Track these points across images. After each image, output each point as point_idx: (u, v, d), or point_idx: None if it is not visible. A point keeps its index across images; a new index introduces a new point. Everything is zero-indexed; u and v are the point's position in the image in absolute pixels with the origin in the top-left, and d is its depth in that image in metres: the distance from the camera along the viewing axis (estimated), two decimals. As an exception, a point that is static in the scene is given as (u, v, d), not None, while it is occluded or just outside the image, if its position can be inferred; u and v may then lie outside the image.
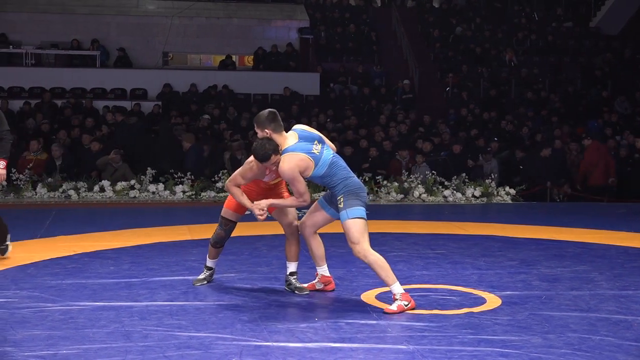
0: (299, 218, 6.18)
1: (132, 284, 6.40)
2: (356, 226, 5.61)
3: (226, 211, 6.26)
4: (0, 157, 7.11)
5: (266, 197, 6.03)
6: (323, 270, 6.19)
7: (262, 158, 5.67)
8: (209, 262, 6.46)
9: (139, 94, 19.09)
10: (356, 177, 5.88)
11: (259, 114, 5.84)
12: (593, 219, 10.81)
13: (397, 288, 5.59)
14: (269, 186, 6.08)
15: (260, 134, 5.76)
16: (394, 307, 5.53)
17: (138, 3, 21.99)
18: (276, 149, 5.65)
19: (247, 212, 6.16)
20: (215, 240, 6.33)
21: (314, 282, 6.26)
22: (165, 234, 9.02)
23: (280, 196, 6.13)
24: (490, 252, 8.08)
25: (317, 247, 6.11)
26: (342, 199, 5.68)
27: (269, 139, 5.69)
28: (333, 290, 6.22)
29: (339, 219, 5.96)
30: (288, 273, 6.22)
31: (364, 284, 6.47)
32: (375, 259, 5.59)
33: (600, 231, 9.63)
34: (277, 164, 5.67)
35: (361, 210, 5.67)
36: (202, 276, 6.44)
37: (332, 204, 5.90)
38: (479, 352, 4.64)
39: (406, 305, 5.54)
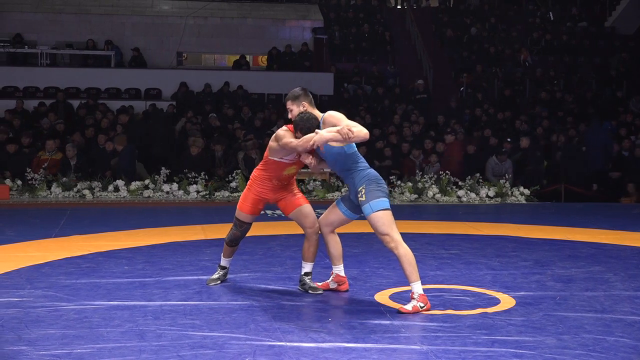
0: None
1: (146, 283, 6.41)
2: (383, 218, 5.57)
3: (240, 213, 6.25)
4: None
5: (280, 194, 6.10)
6: (339, 269, 6.17)
7: (308, 130, 5.69)
8: (223, 262, 6.47)
9: (154, 94, 19.13)
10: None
11: (292, 91, 5.92)
12: (607, 220, 10.77)
13: (418, 287, 5.57)
14: (281, 184, 6.10)
15: (296, 109, 5.84)
16: (409, 307, 5.51)
17: (152, 3, 22.06)
18: (318, 125, 5.71)
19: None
20: (231, 239, 6.34)
21: (327, 281, 6.25)
22: (179, 234, 9.04)
23: (293, 193, 6.15)
24: (504, 252, 8.06)
25: (335, 246, 6.10)
26: (363, 190, 5.63)
27: (312, 114, 5.76)
28: (347, 290, 6.21)
29: (354, 218, 5.96)
30: (303, 273, 6.22)
31: (377, 284, 6.46)
32: (406, 252, 5.56)
33: (615, 232, 9.59)
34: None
35: (385, 202, 5.62)
36: (215, 276, 6.45)
37: (346, 202, 5.88)
38: (493, 352, 4.63)
39: (422, 307, 5.51)
